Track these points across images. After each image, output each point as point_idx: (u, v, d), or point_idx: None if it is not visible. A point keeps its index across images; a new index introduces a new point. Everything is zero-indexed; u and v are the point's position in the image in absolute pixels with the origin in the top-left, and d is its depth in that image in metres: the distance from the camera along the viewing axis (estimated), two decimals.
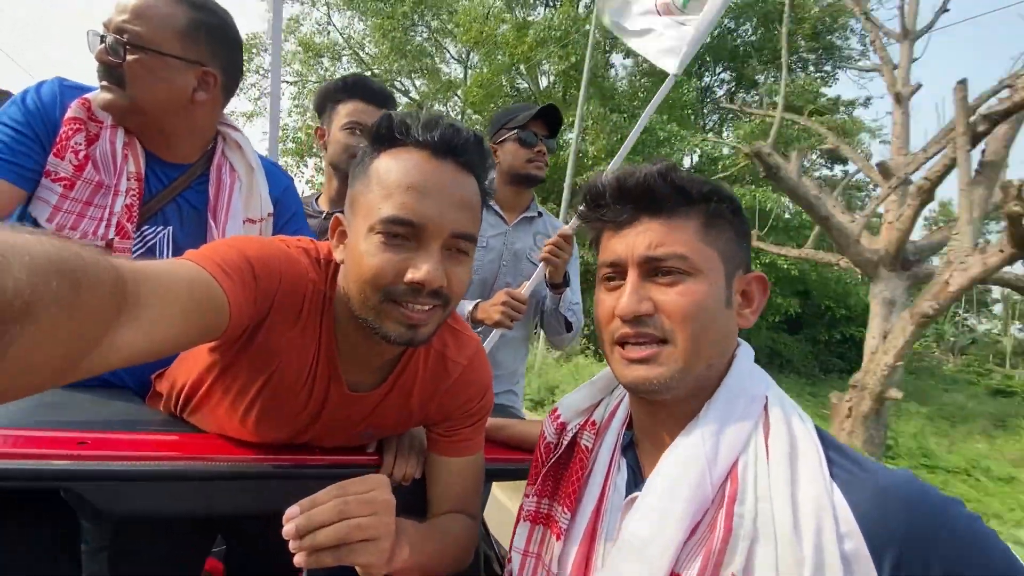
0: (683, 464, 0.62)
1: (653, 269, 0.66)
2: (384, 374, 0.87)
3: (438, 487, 0.93)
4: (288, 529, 0.61)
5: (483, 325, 1.59)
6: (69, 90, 1.08)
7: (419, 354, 0.88)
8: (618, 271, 0.70)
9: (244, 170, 1.20)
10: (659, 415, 0.71)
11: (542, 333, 2.18)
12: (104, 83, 1.05)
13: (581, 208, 0.74)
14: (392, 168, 0.71)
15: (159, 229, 1.13)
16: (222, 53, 1.13)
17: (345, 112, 1.67)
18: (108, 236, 1.05)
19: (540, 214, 1.92)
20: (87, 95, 1.08)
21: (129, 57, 1.03)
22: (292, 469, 0.87)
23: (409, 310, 0.70)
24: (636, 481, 0.71)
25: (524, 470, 1.07)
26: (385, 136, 0.73)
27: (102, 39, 1.04)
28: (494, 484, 2.02)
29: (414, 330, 0.72)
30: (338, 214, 0.79)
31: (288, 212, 1.31)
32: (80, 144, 1.05)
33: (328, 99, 1.72)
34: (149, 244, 1.12)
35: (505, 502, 4.35)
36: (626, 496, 0.70)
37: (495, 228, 1.81)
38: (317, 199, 1.84)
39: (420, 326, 0.72)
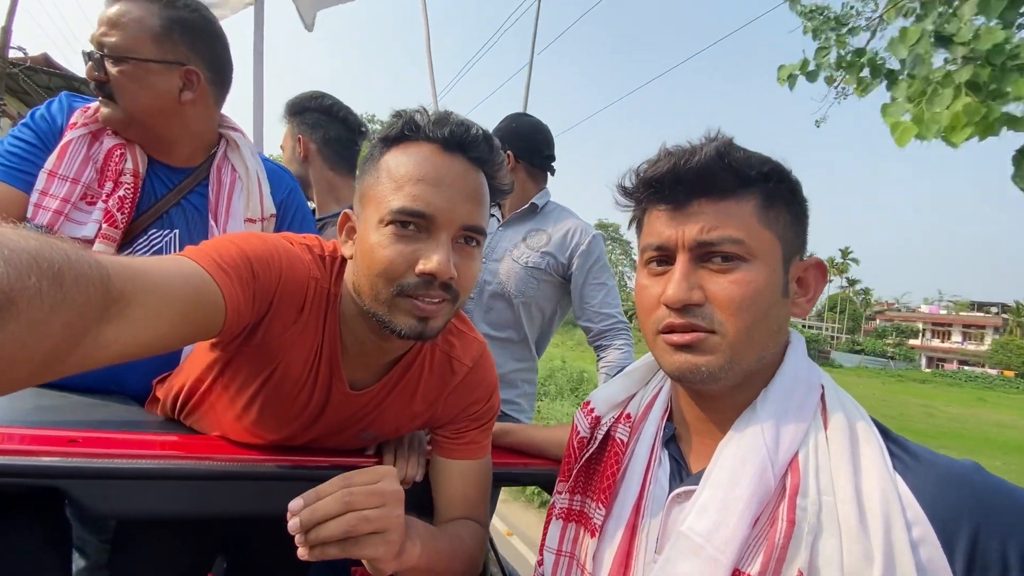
0: (743, 456, 0.59)
1: (706, 254, 0.61)
2: (387, 372, 0.85)
3: (445, 492, 0.89)
4: (293, 524, 0.58)
5: None
6: (77, 103, 1.11)
7: (424, 355, 0.87)
8: (665, 255, 0.65)
9: (244, 170, 1.20)
10: (707, 406, 0.67)
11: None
12: (100, 99, 1.06)
13: (627, 185, 0.69)
14: (403, 162, 0.71)
15: (165, 232, 1.13)
16: (202, 49, 1.10)
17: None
18: (96, 230, 1.03)
19: (537, 206, 1.85)
20: (89, 104, 1.10)
21: (112, 70, 1.02)
22: (290, 470, 0.84)
23: (420, 302, 0.69)
24: (681, 475, 0.68)
25: (530, 475, 1.04)
26: (396, 136, 0.73)
27: (90, 57, 1.04)
28: None
29: (424, 323, 0.71)
30: (347, 210, 0.78)
31: (291, 214, 1.31)
32: (80, 147, 1.06)
33: (312, 113, 1.73)
34: (156, 247, 1.11)
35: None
36: (669, 490, 0.66)
37: None
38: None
39: (431, 319, 0.71)
